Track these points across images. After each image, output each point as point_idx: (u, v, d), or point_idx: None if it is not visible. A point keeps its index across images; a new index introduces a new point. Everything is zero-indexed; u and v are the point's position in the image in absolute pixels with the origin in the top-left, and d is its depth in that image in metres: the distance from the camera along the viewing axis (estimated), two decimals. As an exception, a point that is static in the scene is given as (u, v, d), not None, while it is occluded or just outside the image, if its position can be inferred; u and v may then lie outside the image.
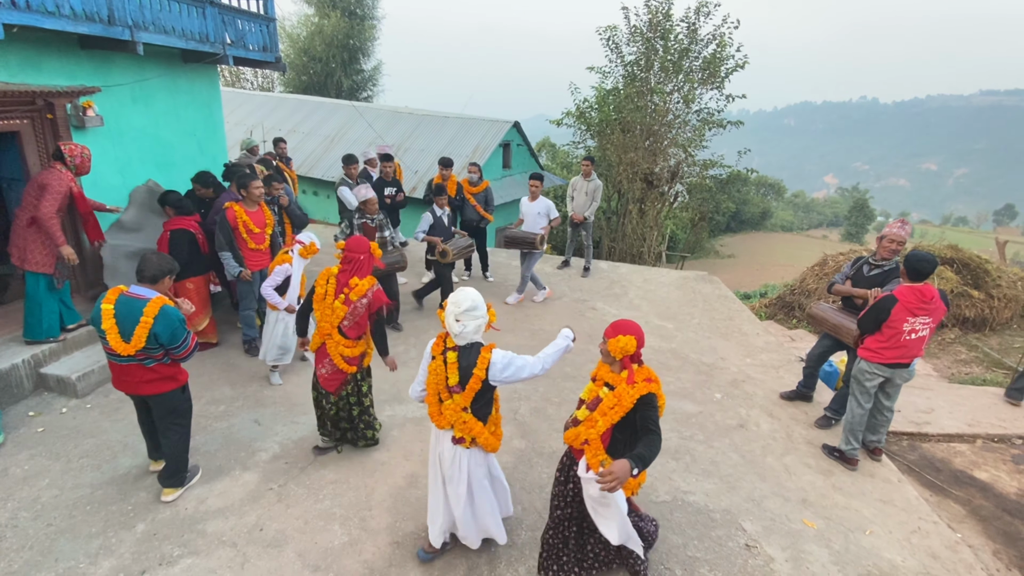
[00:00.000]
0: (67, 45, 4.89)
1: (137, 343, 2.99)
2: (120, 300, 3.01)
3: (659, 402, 2.60)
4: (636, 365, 2.60)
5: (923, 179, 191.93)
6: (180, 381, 3.30)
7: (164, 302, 3.04)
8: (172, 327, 3.03)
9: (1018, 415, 5.26)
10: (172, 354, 3.14)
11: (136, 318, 2.96)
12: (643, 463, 2.35)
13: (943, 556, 3.37)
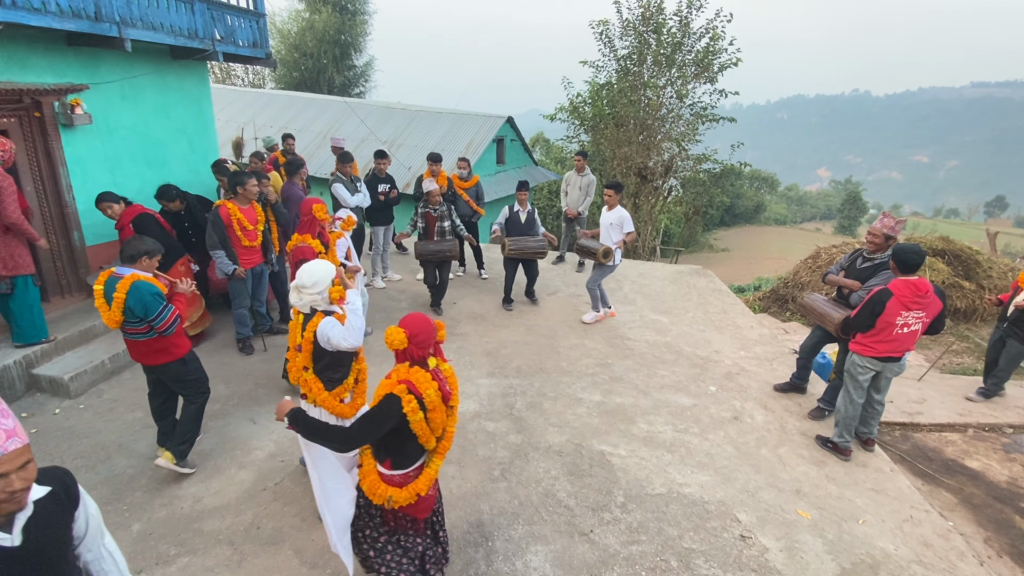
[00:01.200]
0: (54, 42, 4.83)
1: (115, 316, 3.25)
2: (107, 280, 3.28)
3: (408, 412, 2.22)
4: (408, 364, 2.34)
5: (915, 171, 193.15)
6: (177, 355, 3.50)
7: (137, 278, 3.25)
8: (143, 300, 3.22)
9: (1008, 404, 5.33)
10: (153, 326, 3.30)
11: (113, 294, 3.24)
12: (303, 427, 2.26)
13: (935, 544, 3.41)
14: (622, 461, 3.95)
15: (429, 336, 2.34)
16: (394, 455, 2.36)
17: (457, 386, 2.52)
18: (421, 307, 6.49)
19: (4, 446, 1.28)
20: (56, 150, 4.91)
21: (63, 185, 5.00)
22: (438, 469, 2.47)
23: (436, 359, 2.44)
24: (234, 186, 4.84)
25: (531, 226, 6.31)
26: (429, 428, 2.33)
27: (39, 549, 1.41)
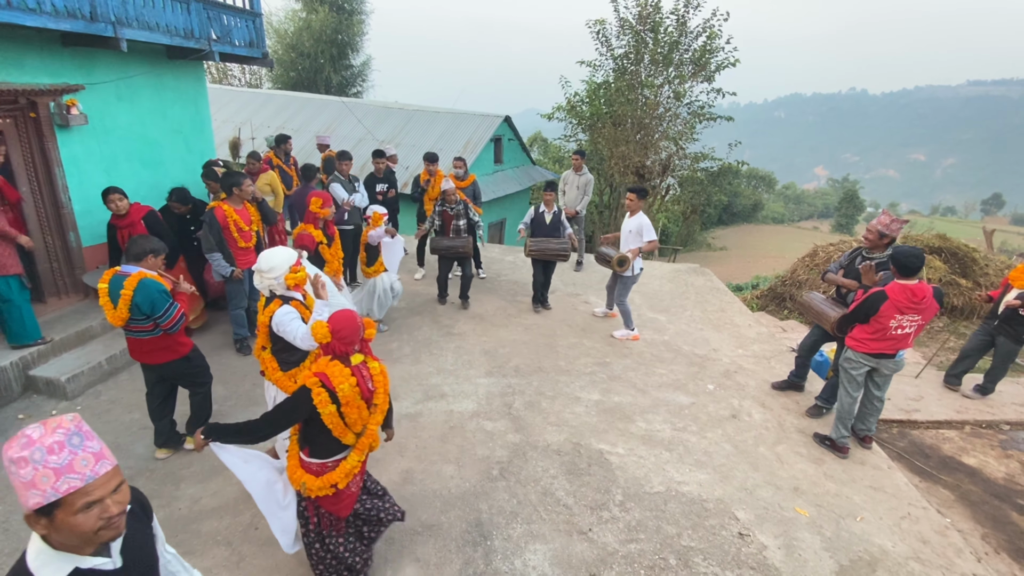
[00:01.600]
0: (49, 42, 4.81)
1: (121, 313, 3.30)
2: (113, 279, 3.35)
3: (318, 404, 2.27)
4: (329, 358, 2.40)
5: (912, 169, 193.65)
6: (180, 353, 3.61)
7: (144, 276, 3.33)
8: (151, 297, 3.31)
9: (1005, 401, 5.34)
10: (159, 324, 3.38)
11: (119, 292, 3.30)
12: (220, 435, 2.36)
13: (933, 541, 3.42)
14: (620, 460, 3.95)
15: (353, 333, 2.42)
16: (311, 444, 2.45)
17: (385, 385, 2.57)
18: (420, 305, 6.49)
19: (95, 470, 1.23)
20: (52, 151, 4.89)
21: (59, 186, 4.98)
22: (356, 464, 2.51)
23: (364, 356, 2.53)
24: (229, 187, 4.80)
25: (556, 227, 6.21)
26: (344, 422, 2.39)
27: (138, 569, 1.41)
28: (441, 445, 4.01)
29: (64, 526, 1.21)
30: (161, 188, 5.86)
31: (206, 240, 4.70)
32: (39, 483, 1.17)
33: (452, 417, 4.36)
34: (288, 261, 3.10)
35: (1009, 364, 5.24)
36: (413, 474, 3.70)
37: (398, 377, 4.93)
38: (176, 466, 3.70)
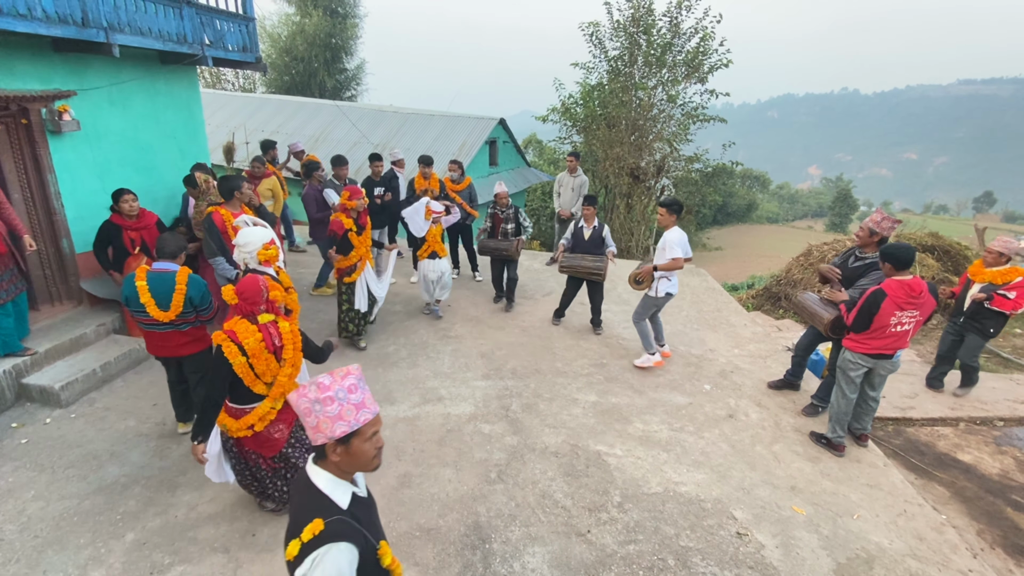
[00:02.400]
0: (40, 48, 4.78)
1: (176, 308, 3.54)
2: (150, 276, 3.52)
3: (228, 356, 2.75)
4: (239, 316, 2.87)
5: (904, 168, 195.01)
6: (208, 343, 3.81)
7: (189, 271, 3.61)
8: (201, 290, 3.62)
9: (998, 398, 5.38)
10: (201, 315, 3.66)
11: (170, 287, 3.52)
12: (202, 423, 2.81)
13: (929, 537, 3.44)
14: (618, 461, 3.96)
15: (255, 295, 2.86)
16: (231, 392, 2.88)
17: (295, 342, 2.99)
18: (416, 308, 6.48)
19: (375, 408, 1.56)
20: (44, 157, 4.86)
21: (51, 192, 4.95)
22: (268, 410, 2.93)
23: (273, 316, 2.95)
24: (229, 191, 4.80)
25: (597, 244, 5.70)
26: (253, 372, 2.83)
27: (372, 500, 1.76)
28: (439, 448, 4.01)
29: (355, 452, 1.53)
30: (155, 193, 5.85)
31: (207, 245, 4.69)
32: (345, 415, 1.49)
33: (449, 420, 4.35)
34: (263, 239, 3.55)
35: (978, 354, 5.22)
36: (411, 478, 3.69)
37: (395, 381, 4.92)
38: (172, 473, 3.68)
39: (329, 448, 1.51)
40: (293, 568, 1.43)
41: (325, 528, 1.43)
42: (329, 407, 1.48)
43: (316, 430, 1.50)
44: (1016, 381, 5.86)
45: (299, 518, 1.50)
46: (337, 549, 1.41)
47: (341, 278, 5.28)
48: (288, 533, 1.52)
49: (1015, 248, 4.82)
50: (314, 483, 1.56)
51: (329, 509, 1.50)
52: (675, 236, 4.87)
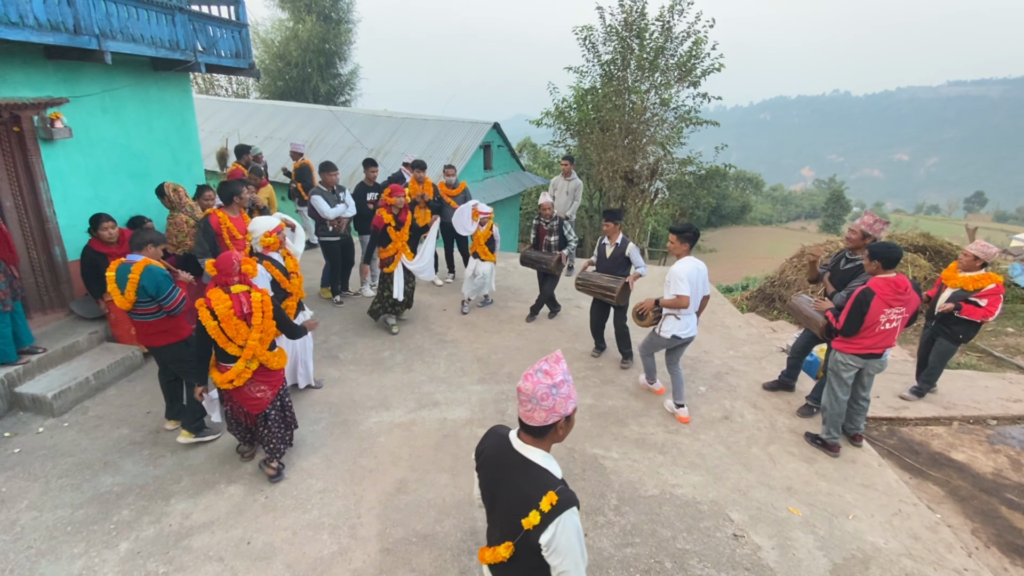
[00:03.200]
0: (32, 56, 4.77)
1: (129, 296, 3.61)
2: (119, 267, 3.66)
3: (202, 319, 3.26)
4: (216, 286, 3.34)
5: (896, 169, 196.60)
6: (180, 336, 3.89)
7: (149, 262, 3.66)
8: (156, 280, 3.63)
9: (991, 396, 5.42)
10: (162, 306, 3.68)
11: (127, 277, 3.62)
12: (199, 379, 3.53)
13: (924, 537, 3.46)
14: (614, 464, 3.96)
15: (228, 267, 3.32)
16: (215, 351, 3.42)
17: (265, 310, 3.38)
18: (411, 313, 6.47)
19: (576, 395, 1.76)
20: (36, 165, 4.84)
21: (43, 200, 4.93)
22: (243, 368, 3.35)
23: (247, 287, 3.38)
24: (229, 195, 4.90)
25: (619, 264, 5.11)
26: (225, 335, 3.31)
27: None
28: (435, 454, 4.00)
29: (568, 426, 1.77)
30: (148, 200, 5.82)
31: (199, 245, 4.76)
32: (572, 394, 1.71)
33: (445, 425, 4.35)
34: (266, 227, 4.14)
35: (944, 364, 5.15)
36: (407, 484, 3.68)
37: (390, 386, 4.91)
38: (166, 481, 3.65)
39: (560, 425, 1.72)
40: (536, 536, 1.64)
41: (559, 498, 1.63)
42: (562, 389, 1.68)
43: (552, 411, 1.68)
44: (1008, 380, 5.91)
45: (528, 493, 1.68)
46: (571, 512, 1.64)
47: (381, 268, 5.83)
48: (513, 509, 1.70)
49: (992, 253, 4.73)
50: (532, 460, 1.75)
51: (553, 481, 1.70)
52: (683, 268, 4.10)
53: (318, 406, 4.56)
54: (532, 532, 1.64)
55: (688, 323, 4.33)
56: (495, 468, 1.84)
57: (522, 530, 1.66)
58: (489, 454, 1.87)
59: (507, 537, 1.73)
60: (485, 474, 1.89)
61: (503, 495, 1.78)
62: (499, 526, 1.81)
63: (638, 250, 5.10)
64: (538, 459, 1.75)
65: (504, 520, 1.77)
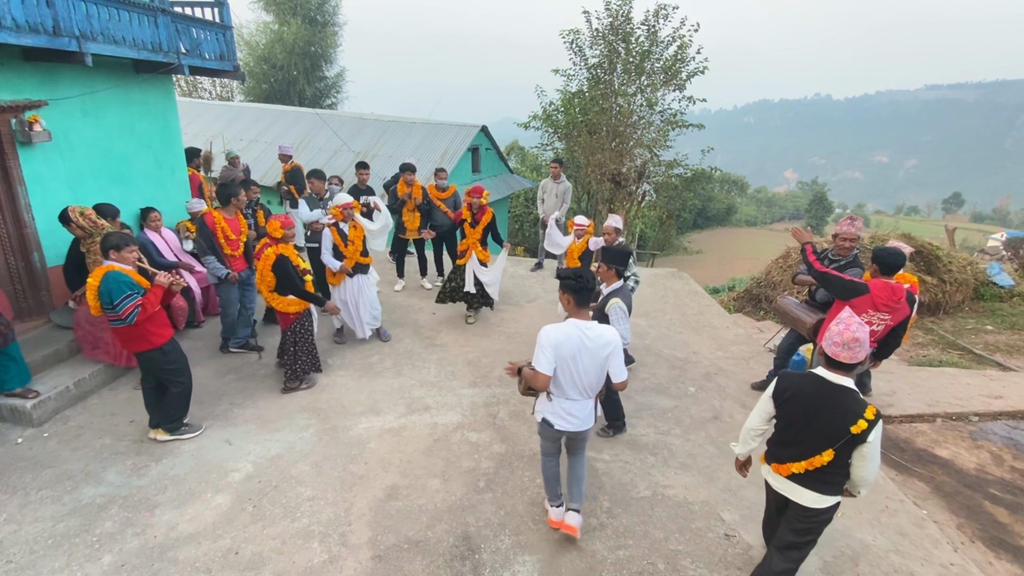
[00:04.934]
0: (10, 58, 4.66)
1: (92, 302, 3.62)
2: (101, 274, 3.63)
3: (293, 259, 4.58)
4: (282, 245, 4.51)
5: (876, 171, 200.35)
6: (153, 344, 3.79)
7: (111, 268, 3.59)
8: (108, 287, 3.53)
9: (973, 394, 5.53)
10: (116, 311, 3.54)
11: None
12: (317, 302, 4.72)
13: (911, 533, 3.51)
14: (606, 466, 3.96)
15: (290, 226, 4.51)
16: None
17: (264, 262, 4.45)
18: (400, 318, 6.43)
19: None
20: (14, 169, 4.72)
21: (21, 205, 4.81)
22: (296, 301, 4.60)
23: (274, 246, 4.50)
24: (227, 196, 5.06)
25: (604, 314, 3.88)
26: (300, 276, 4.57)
27: None
28: (426, 459, 3.97)
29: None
30: (130, 204, 5.72)
31: (199, 245, 5.05)
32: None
33: (436, 430, 4.32)
34: (337, 203, 5.25)
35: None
36: (398, 489, 3.65)
37: (380, 391, 4.87)
38: (151, 492, 3.58)
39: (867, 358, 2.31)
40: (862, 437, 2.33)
41: (876, 409, 2.33)
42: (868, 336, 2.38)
43: (865, 350, 2.36)
44: (989, 377, 6.04)
45: (852, 408, 2.35)
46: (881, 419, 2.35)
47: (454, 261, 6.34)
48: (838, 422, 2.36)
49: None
50: (847, 386, 2.40)
51: (864, 400, 2.38)
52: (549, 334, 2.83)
53: (307, 412, 4.50)
54: (859, 435, 2.32)
55: (571, 411, 2.99)
56: (813, 397, 2.44)
57: (848, 436, 2.33)
58: (803, 389, 2.48)
59: (828, 445, 2.40)
60: (798, 404, 2.48)
61: (825, 415, 2.40)
62: (816, 440, 2.43)
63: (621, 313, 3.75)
64: (850, 385, 2.41)
65: (824, 434, 2.40)
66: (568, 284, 2.86)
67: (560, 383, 2.93)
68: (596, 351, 2.85)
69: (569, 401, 2.98)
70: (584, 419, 3.03)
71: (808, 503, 2.55)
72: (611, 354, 2.90)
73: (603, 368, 2.92)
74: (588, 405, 3.02)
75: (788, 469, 2.54)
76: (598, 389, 3.02)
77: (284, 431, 4.23)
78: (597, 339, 2.85)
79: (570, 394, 2.95)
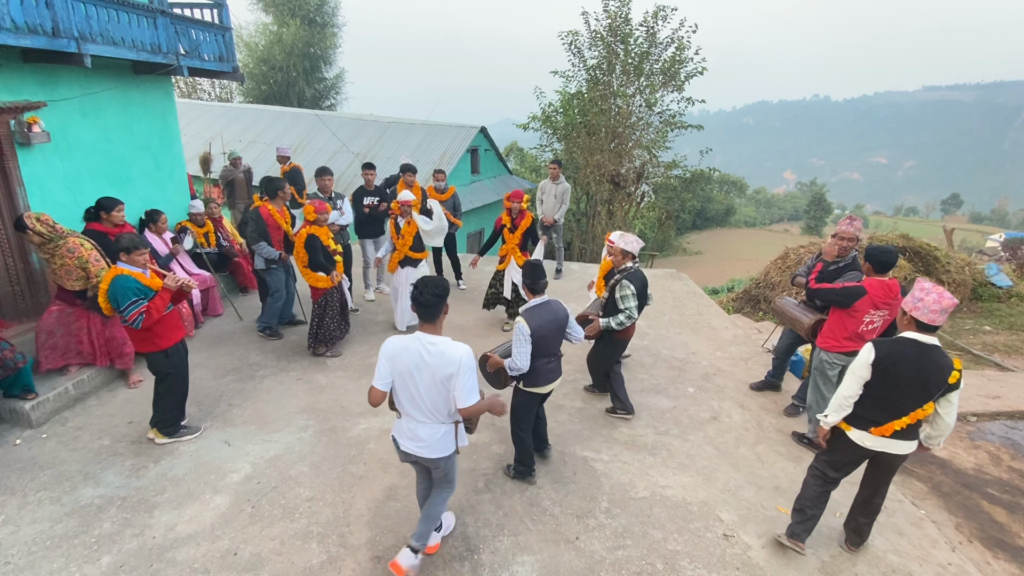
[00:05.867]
0: (9, 59, 4.66)
1: (103, 304, 3.71)
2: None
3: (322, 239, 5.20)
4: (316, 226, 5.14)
5: (875, 172, 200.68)
6: (160, 346, 3.83)
7: (120, 272, 3.64)
8: (115, 292, 3.59)
9: (971, 394, 5.53)
10: (123, 316, 3.60)
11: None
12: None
13: (909, 533, 3.51)
14: (605, 466, 3.97)
15: (324, 209, 5.12)
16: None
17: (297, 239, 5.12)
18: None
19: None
20: (12, 170, 4.72)
21: (20, 206, 4.80)
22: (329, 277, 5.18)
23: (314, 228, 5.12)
24: (274, 190, 5.56)
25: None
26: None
27: None
28: (425, 459, 3.97)
29: None
30: (129, 205, 5.69)
31: (251, 234, 5.44)
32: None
33: (435, 430, 4.31)
34: (400, 199, 5.70)
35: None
36: (397, 490, 3.65)
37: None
38: (149, 492, 3.57)
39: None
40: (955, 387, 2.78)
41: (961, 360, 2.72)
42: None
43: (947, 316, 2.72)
44: (987, 377, 6.05)
45: (946, 363, 2.73)
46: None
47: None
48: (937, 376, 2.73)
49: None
50: (937, 344, 2.75)
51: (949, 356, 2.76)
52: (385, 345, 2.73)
53: (305, 413, 4.50)
54: (954, 385, 2.75)
55: (416, 433, 2.75)
56: (916, 360, 2.75)
57: (945, 386, 2.75)
58: (905, 354, 2.77)
59: (929, 399, 2.79)
60: (903, 367, 2.77)
61: (928, 372, 2.73)
62: (920, 397, 2.79)
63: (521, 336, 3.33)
64: (938, 343, 2.76)
65: (927, 389, 2.77)
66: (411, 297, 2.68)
67: (401, 401, 2.72)
68: (436, 369, 2.58)
69: (415, 422, 2.73)
70: (431, 445, 2.73)
71: (904, 451, 2.96)
72: (454, 375, 2.57)
73: (447, 389, 2.61)
74: (438, 430, 2.72)
75: (891, 428, 2.87)
76: (447, 413, 2.70)
77: (283, 432, 4.23)
78: (439, 356, 2.58)
79: (413, 414, 2.72)
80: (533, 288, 3.45)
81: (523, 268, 3.59)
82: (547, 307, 3.43)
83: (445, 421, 2.73)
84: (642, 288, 4.19)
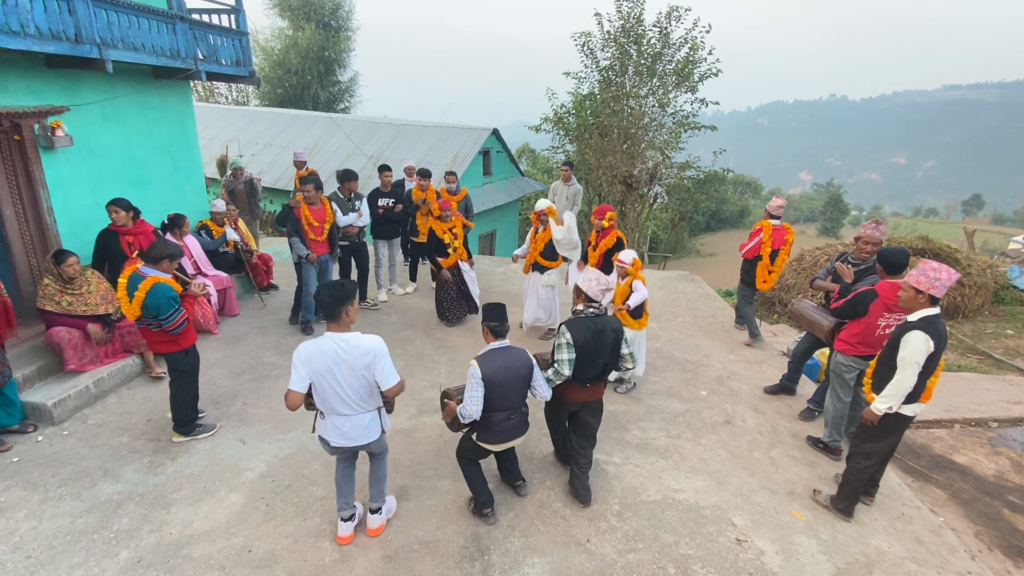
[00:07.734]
0: (33, 64, 4.79)
1: (135, 311, 3.72)
2: (132, 276, 3.72)
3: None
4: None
5: (893, 173, 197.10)
6: (183, 346, 3.96)
7: (158, 280, 3.68)
8: (159, 302, 3.66)
9: (992, 399, 5.41)
10: (162, 325, 3.75)
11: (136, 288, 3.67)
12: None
13: (927, 540, 3.45)
14: (616, 469, 3.95)
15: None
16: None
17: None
18: (412, 319, 6.47)
19: None
20: (36, 173, 4.85)
21: (44, 208, 4.93)
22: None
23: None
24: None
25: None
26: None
27: None
28: (436, 460, 3.99)
29: None
30: (149, 207, 5.83)
31: (289, 230, 5.68)
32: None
33: (446, 431, 4.33)
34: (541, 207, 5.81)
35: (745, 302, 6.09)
36: (408, 490, 3.67)
37: (391, 392, 4.90)
38: (166, 489, 3.64)
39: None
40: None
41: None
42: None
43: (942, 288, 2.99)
44: (1009, 382, 5.92)
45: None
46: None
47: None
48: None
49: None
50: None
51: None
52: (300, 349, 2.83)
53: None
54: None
55: (342, 427, 2.95)
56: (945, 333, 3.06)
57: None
58: (941, 332, 3.00)
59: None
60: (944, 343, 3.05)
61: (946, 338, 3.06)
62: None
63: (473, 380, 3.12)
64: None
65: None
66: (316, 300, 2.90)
67: (326, 399, 2.86)
68: (354, 361, 2.78)
69: (341, 417, 2.92)
70: (360, 435, 2.97)
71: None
72: (371, 363, 2.81)
73: (367, 378, 2.84)
74: (363, 419, 2.95)
75: (931, 392, 3.24)
76: (370, 401, 2.94)
77: (297, 431, 4.28)
78: (353, 350, 2.78)
79: (339, 408, 2.89)
80: (495, 331, 3.20)
81: (484, 308, 3.31)
82: (505, 353, 3.16)
83: (370, 408, 2.98)
84: (590, 342, 3.25)
